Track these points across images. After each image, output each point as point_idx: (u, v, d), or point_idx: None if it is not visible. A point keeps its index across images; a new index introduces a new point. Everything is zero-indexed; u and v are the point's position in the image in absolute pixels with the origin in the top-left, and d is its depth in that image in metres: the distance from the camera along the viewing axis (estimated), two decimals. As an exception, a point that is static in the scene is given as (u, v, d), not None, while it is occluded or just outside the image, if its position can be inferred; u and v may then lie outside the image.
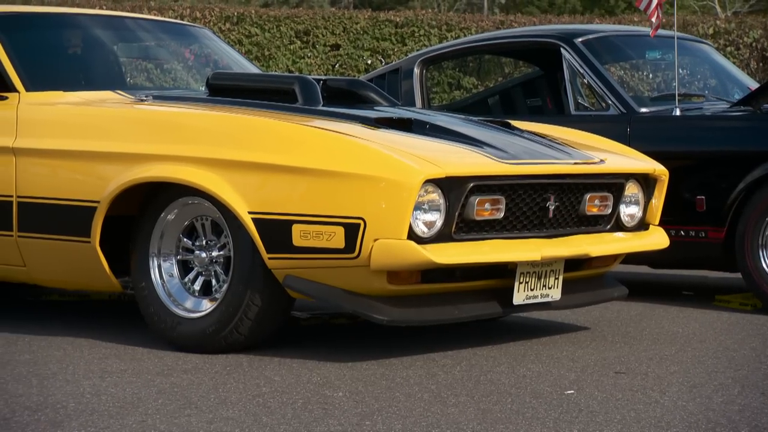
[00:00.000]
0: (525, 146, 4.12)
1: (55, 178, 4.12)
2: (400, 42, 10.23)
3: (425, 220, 3.64)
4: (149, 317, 4.01)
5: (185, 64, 5.43)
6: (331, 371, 3.59)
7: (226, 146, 3.81)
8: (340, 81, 4.73)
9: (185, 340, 3.91)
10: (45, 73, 4.53)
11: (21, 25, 4.69)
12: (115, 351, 3.94)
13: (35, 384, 3.39)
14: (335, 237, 3.62)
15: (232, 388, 3.35)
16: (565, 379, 3.52)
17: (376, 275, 3.63)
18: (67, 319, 4.70)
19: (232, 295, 3.83)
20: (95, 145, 4.03)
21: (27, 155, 4.16)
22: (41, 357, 3.83)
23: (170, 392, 3.29)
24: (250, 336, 3.86)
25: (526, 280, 3.91)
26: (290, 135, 3.77)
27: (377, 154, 3.64)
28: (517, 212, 3.89)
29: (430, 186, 3.62)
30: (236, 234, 3.81)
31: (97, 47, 4.97)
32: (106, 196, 3.96)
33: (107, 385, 3.37)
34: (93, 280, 4.17)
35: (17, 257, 4.23)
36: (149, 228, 4.00)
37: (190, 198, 3.93)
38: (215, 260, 3.96)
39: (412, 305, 3.75)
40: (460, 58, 8.10)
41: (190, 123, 3.98)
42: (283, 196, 3.70)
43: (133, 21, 5.22)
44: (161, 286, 4.00)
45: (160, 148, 3.90)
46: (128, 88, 4.83)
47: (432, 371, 3.62)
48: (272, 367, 3.66)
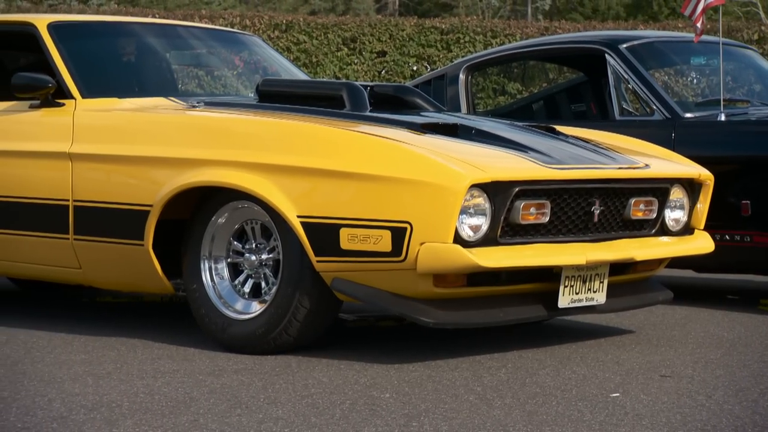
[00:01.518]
0: (570, 151, 4.15)
1: (110, 183, 4.21)
2: (445, 48, 10.28)
3: (471, 224, 3.69)
4: (200, 319, 4.09)
5: (235, 70, 5.52)
6: (378, 373, 3.65)
7: (276, 151, 3.88)
8: (387, 87, 4.79)
9: (235, 341, 3.99)
10: (100, 80, 4.63)
11: (78, 33, 4.80)
12: (167, 352, 4.02)
13: (91, 383, 3.48)
14: (382, 240, 3.67)
15: (281, 388, 3.42)
16: (610, 381, 3.55)
17: (423, 278, 3.68)
18: (121, 321, 4.80)
19: (281, 298, 3.90)
20: (149, 151, 4.12)
21: (83, 160, 4.25)
22: (96, 357, 3.92)
23: (221, 392, 3.36)
24: (299, 337, 3.92)
25: (571, 283, 3.94)
26: (338, 140, 3.83)
27: (424, 159, 3.69)
28: (563, 216, 3.92)
29: (476, 190, 3.67)
30: (285, 237, 3.88)
31: (151, 55, 5.07)
32: (159, 200, 4.05)
33: (160, 385, 3.45)
34: (146, 283, 4.25)
35: (73, 260, 4.33)
36: (201, 231, 4.08)
37: (240, 202, 4.00)
38: (265, 263, 4.03)
39: (457, 308, 3.80)
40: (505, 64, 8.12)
41: (241, 128, 4.06)
42: (331, 200, 3.76)
43: (185, 29, 5.31)
44: (212, 288, 4.08)
45: (211, 153, 3.98)
46: (180, 94, 4.92)
47: (478, 373, 3.66)
48: (320, 368, 3.72)
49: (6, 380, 3.52)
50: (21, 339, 4.29)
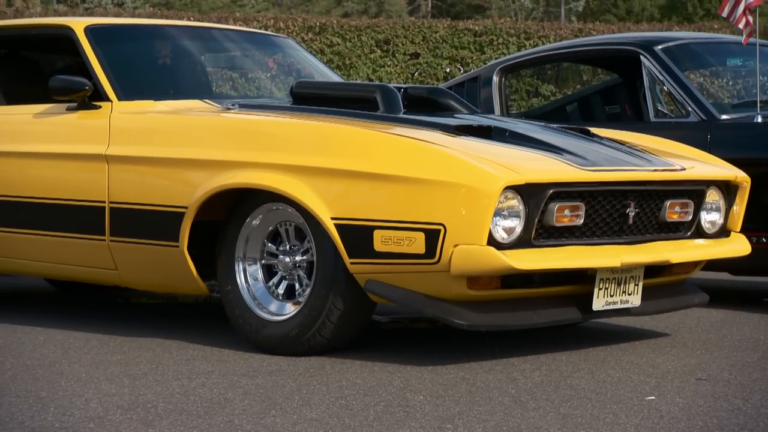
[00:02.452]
0: (605, 153, 4.13)
1: (146, 185, 4.23)
2: (478, 50, 10.27)
3: (505, 226, 3.69)
4: (235, 320, 4.11)
5: (269, 73, 5.54)
6: (412, 374, 3.65)
7: (310, 153, 3.89)
8: (421, 89, 4.79)
9: (269, 342, 4.00)
10: (136, 82, 4.66)
11: (114, 36, 4.83)
12: (202, 353, 4.05)
13: (127, 384, 3.51)
14: (416, 242, 3.68)
15: (316, 390, 3.43)
16: (645, 384, 3.53)
17: (456, 280, 3.68)
18: (156, 322, 4.83)
19: (315, 299, 3.91)
20: (184, 153, 4.14)
21: (119, 162, 4.29)
22: (132, 358, 3.95)
23: (255, 393, 3.38)
24: (333, 339, 3.94)
25: (606, 286, 3.92)
26: (372, 142, 3.84)
27: (457, 161, 3.69)
28: (597, 219, 3.91)
29: (510, 192, 3.66)
30: (319, 239, 3.90)
31: (186, 57, 5.10)
32: (193, 202, 4.07)
33: (195, 386, 3.47)
34: (181, 284, 4.28)
35: (109, 261, 4.37)
36: (235, 233, 4.10)
37: (274, 204, 4.02)
38: (298, 265, 4.05)
39: (491, 310, 3.79)
40: (539, 66, 8.11)
41: (275, 131, 4.07)
42: (365, 203, 3.77)
43: (220, 32, 5.35)
44: (246, 289, 4.10)
45: (246, 155, 4.00)
46: (215, 96, 4.95)
47: (512, 375, 3.65)
48: (354, 369, 3.73)
49: (44, 380, 3.55)
50: (58, 339, 4.33)
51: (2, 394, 3.35)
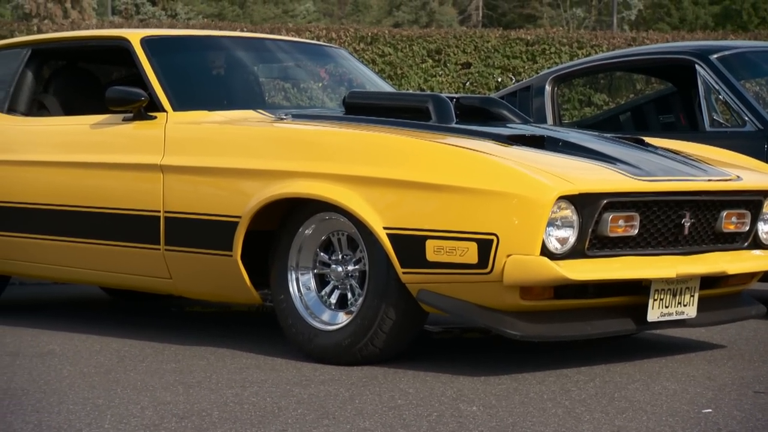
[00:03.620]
0: (659, 163, 4.10)
1: (200, 194, 4.27)
2: (530, 60, 10.23)
3: (558, 237, 3.67)
4: (287, 329, 4.13)
5: (320, 83, 5.57)
6: (464, 385, 3.64)
7: (362, 163, 3.90)
8: (473, 99, 4.78)
9: (322, 351, 4.02)
10: (191, 93, 4.70)
11: (169, 47, 4.88)
12: (255, 361, 4.07)
13: (182, 392, 3.54)
14: (468, 252, 3.67)
15: (368, 399, 3.43)
16: (702, 397, 3.49)
17: (509, 291, 3.67)
18: (210, 330, 4.87)
19: (367, 309, 3.92)
20: (238, 162, 4.17)
21: (174, 172, 4.33)
22: (186, 366, 3.98)
23: (308, 402, 3.38)
24: (385, 349, 3.94)
25: (661, 297, 3.89)
26: (425, 152, 3.84)
27: (510, 170, 3.67)
28: (652, 229, 3.87)
29: (564, 202, 3.64)
30: (371, 249, 3.90)
31: (239, 68, 5.13)
32: (247, 212, 4.10)
33: (249, 395, 3.49)
34: (234, 293, 4.31)
35: (164, 270, 4.41)
36: (288, 242, 4.12)
37: (327, 213, 4.03)
38: (351, 274, 4.06)
39: (544, 320, 3.77)
40: (592, 75, 8.06)
41: (328, 140, 4.09)
42: (418, 212, 3.77)
43: (273, 42, 5.38)
44: (299, 298, 4.12)
45: (299, 165, 4.02)
46: (268, 107, 4.98)
47: (565, 387, 3.63)
48: (406, 379, 3.73)
49: (100, 388, 3.60)
50: (114, 347, 4.38)
51: (60, 402, 3.39)
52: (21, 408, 3.30)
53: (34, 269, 4.96)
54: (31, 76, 5.14)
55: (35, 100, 5.16)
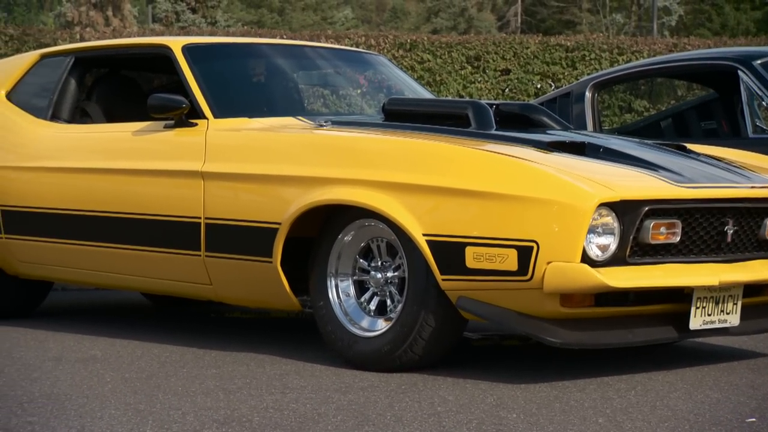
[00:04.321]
0: (702, 170, 4.06)
1: (240, 201, 4.29)
2: (570, 66, 10.19)
3: (599, 244, 3.64)
4: (327, 335, 4.14)
5: (359, 90, 5.58)
6: (504, 392, 3.63)
7: (402, 170, 3.90)
8: (513, 105, 4.78)
9: (361, 358, 4.02)
10: (231, 100, 4.73)
11: (210, 55, 4.91)
12: (295, 367, 4.08)
13: (222, 398, 3.55)
14: (508, 259, 3.66)
15: (407, 406, 3.43)
16: (745, 406, 3.45)
17: (549, 298, 3.65)
18: (249, 336, 4.89)
19: (407, 316, 3.91)
20: (278, 169, 4.19)
21: (214, 179, 4.35)
22: (227, 372, 4.00)
23: (348, 409, 3.39)
24: (424, 355, 3.93)
25: (703, 305, 3.85)
26: (464, 159, 3.84)
27: (550, 177, 3.66)
28: (694, 236, 3.84)
29: (605, 209, 3.62)
30: (411, 255, 3.90)
31: (279, 75, 5.16)
32: (287, 218, 4.11)
33: (288, 401, 3.50)
34: (274, 299, 4.32)
35: (204, 276, 4.43)
36: (327, 249, 4.13)
37: (366, 220, 4.04)
38: (390, 281, 4.06)
39: (585, 328, 3.75)
40: (632, 82, 8.02)
41: (368, 147, 4.09)
42: (457, 219, 3.76)
43: (313, 49, 5.40)
44: (338, 305, 4.12)
45: (339, 171, 4.03)
46: (308, 114, 5.00)
47: (606, 395, 3.60)
48: (446, 386, 3.72)
49: (142, 393, 3.62)
50: (155, 353, 4.41)
51: (103, 407, 3.42)
52: (64, 413, 3.33)
53: (77, 275, 5.01)
54: (74, 84, 5.19)
55: (78, 107, 5.21)
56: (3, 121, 5.18)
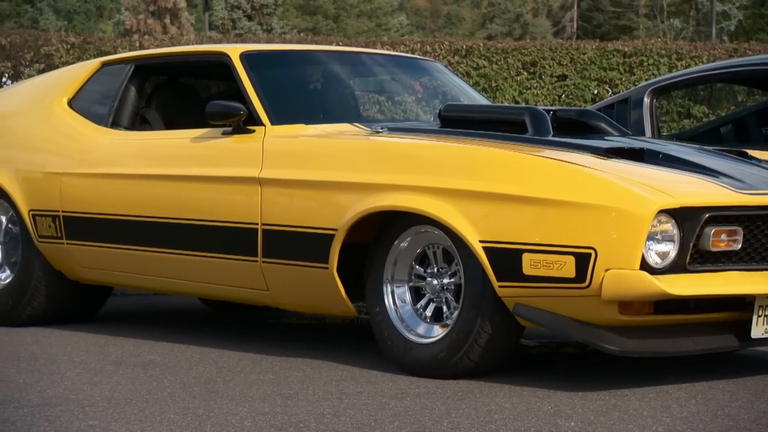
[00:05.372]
0: (763, 176, 4.00)
1: (297, 207, 4.30)
2: (628, 71, 10.10)
3: (658, 251, 3.61)
4: (383, 341, 4.14)
5: (415, 96, 5.58)
6: (561, 400, 3.60)
7: (459, 176, 3.89)
8: (570, 111, 4.74)
9: (417, 364, 4.01)
10: (288, 107, 4.74)
11: (268, 62, 4.94)
12: (351, 373, 4.08)
13: (279, 403, 3.57)
14: (566, 266, 3.63)
15: (464, 413, 3.42)
16: (808, 416, 3.39)
17: (608, 305, 3.62)
18: (306, 342, 4.90)
19: (463, 322, 3.90)
20: (334, 175, 4.20)
21: (271, 185, 4.37)
22: (284, 377, 4.02)
23: (404, 415, 3.38)
24: (481, 362, 3.92)
25: (765, 313, 3.79)
26: (521, 165, 3.82)
27: (609, 184, 3.64)
28: (756, 243, 3.78)
29: (664, 216, 3.59)
30: (467, 262, 3.89)
31: (335, 81, 5.17)
32: (343, 224, 4.12)
33: (345, 407, 3.51)
34: (330, 305, 4.33)
35: (261, 281, 4.46)
36: (383, 255, 4.13)
37: (422, 226, 4.03)
38: (446, 287, 4.05)
39: (644, 336, 3.71)
40: (691, 87, 7.93)
41: (424, 153, 4.09)
42: (514, 225, 3.75)
43: (369, 56, 5.41)
44: (394, 311, 4.12)
45: (395, 178, 4.03)
46: (364, 120, 5.01)
47: (666, 404, 3.56)
48: (503, 394, 3.70)
49: (200, 398, 3.65)
50: (213, 358, 4.44)
51: (162, 411, 3.45)
52: (125, 416, 3.37)
53: (136, 280, 5.06)
54: (134, 91, 5.25)
55: (138, 114, 5.27)
56: (65, 128, 5.26)
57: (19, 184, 5.25)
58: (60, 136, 5.25)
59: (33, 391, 3.75)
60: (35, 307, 5.29)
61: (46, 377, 4.01)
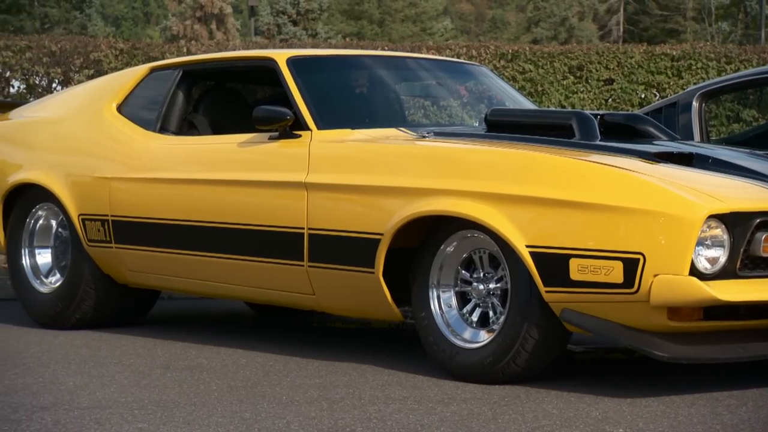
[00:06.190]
0: (815, 180, 3.94)
1: (343, 212, 4.31)
2: (676, 75, 10.01)
3: (708, 256, 3.57)
4: (429, 346, 4.13)
5: (460, 100, 5.57)
6: (609, 406, 3.57)
7: (505, 181, 3.88)
8: (618, 116, 4.71)
9: (463, 369, 4.00)
10: (334, 111, 4.75)
11: (314, 67, 4.96)
12: (396, 378, 4.08)
13: (326, 407, 3.57)
14: (613, 272, 3.61)
15: (511, 419, 3.40)
16: None
17: (656, 311, 3.59)
18: (351, 346, 4.91)
19: (509, 328, 3.89)
20: (380, 180, 4.20)
21: (318, 190, 4.39)
22: (330, 381, 4.03)
23: (451, 421, 3.38)
24: (527, 368, 3.90)
25: (818, 320, 3.73)
26: (568, 169, 3.80)
27: (657, 188, 3.61)
28: (808, 249, 3.73)
29: (714, 221, 3.55)
30: (513, 267, 3.88)
31: (381, 86, 5.17)
32: (389, 229, 4.12)
33: (391, 411, 3.50)
34: (375, 309, 4.34)
35: (307, 286, 4.47)
36: (429, 260, 4.13)
37: (469, 231, 4.02)
38: (492, 292, 4.04)
39: (693, 342, 3.68)
40: (741, 91, 7.84)
41: (471, 158, 4.09)
42: (561, 230, 3.73)
43: (414, 61, 5.41)
44: (440, 316, 4.12)
45: (441, 182, 4.03)
46: (409, 125, 5.01)
47: (716, 410, 3.52)
48: (549, 399, 3.68)
49: (247, 402, 3.67)
50: (259, 362, 4.46)
51: (210, 414, 3.47)
52: (172, 419, 3.40)
53: (183, 284, 5.10)
54: (182, 97, 5.29)
55: (185, 119, 5.31)
56: (114, 133, 5.31)
57: (69, 189, 5.31)
58: (109, 141, 5.30)
59: (83, 394, 3.79)
60: (85, 310, 5.35)
61: (96, 380, 4.06)
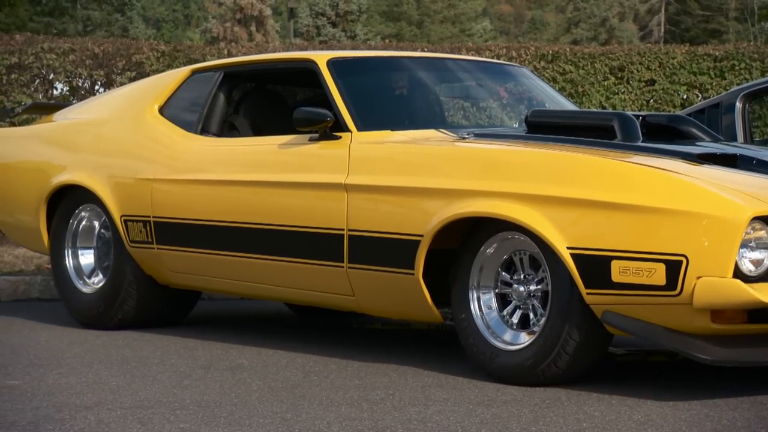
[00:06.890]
0: None
1: (383, 213, 4.31)
2: (718, 76, 9.91)
3: (752, 259, 3.54)
4: (468, 348, 4.12)
5: (500, 102, 5.55)
6: (652, 409, 3.55)
7: (546, 182, 3.86)
8: (660, 117, 4.68)
9: (503, 371, 3.99)
10: (375, 113, 4.76)
11: (354, 68, 4.96)
12: (437, 380, 4.08)
13: (366, 409, 3.57)
14: (656, 274, 3.58)
15: (552, 422, 3.38)
16: None
17: (699, 314, 3.56)
18: (391, 348, 4.91)
19: (550, 330, 3.87)
20: (421, 182, 4.20)
21: (357, 191, 4.39)
22: (369, 383, 4.03)
23: (492, 423, 3.37)
24: (568, 370, 3.88)
25: None
26: (610, 171, 3.78)
27: (700, 190, 3.58)
28: None
29: (758, 223, 3.52)
30: (554, 269, 3.86)
31: (421, 87, 5.17)
32: (429, 230, 4.12)
33: (432, 413, 3.50)
34: (415, 311, 4.33)
35: (347, 287, 4.48)
36: (469, 261, 4.12)
37: (509, 233, 4.01)
38: (533, 294, 4.02)
39: (737, 345, 3.64)
40: (785, 91, 7.73)
41: (511, 159, 4.07)
42: (603, 232, 3.71)
43: (454, 62, 5.40)
44: (480, 318, 4.10)
45: (481, 184, 4.02)
46: (449, 126, 5.00)
47: (761, 414, 3.48)
48: (591, 402, 3.66)
49: (288, 402, 3.68)
50: (299, 363, 4.47)
51: (251, 415, 3.49)
52: (214, 420, 3.42)
53: (224, 285, 5.13)
54: (223, 98, 5.32)
55: (226, 121, 5.34)
56: (156, 135, 5.35)
57: (112, 190, 5.36)
58: (151, 142, 5.34)
59: (125, 394, 3.82)
60: (126, 310, 5.39)
61: (138, 380, 4.09)
